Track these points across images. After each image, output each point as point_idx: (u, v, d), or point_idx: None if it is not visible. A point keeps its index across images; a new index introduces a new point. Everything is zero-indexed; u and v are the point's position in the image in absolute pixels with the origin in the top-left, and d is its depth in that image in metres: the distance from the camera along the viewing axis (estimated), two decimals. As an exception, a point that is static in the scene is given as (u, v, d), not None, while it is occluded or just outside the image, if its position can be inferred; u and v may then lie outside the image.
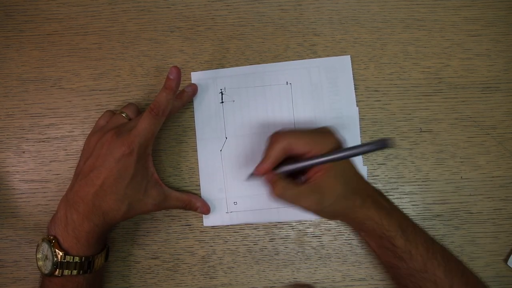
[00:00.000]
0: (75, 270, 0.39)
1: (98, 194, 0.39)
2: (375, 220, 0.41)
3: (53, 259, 0.39)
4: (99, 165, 0.40)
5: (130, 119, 0.44)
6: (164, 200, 0.44)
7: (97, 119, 0.47)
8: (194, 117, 0.49)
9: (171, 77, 0.41)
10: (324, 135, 0.41)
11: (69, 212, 0.40)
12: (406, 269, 0.40)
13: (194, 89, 0.48)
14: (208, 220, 0.48)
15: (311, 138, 0.41)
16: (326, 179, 0.40)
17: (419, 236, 0.41)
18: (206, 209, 0.47)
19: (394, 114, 0.48)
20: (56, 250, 0.39)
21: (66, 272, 0.39)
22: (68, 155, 0.49)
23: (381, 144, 0.38)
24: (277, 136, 0.41)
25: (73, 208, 0.40)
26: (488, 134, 0.48)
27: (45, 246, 0.40)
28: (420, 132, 0.48)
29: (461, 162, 0.48)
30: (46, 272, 0.39)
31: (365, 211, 0.41)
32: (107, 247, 0.44)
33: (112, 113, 0.47)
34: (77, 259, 0.39)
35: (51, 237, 0.40)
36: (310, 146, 0.40)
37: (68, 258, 0.39)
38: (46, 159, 0.49)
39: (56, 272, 0.39)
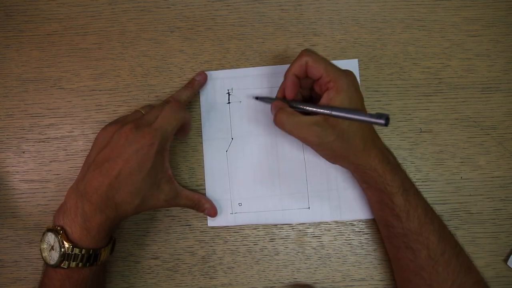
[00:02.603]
0: (81, 262, 0.38)
1: (113, 186, 0.38)
2: (378, 173, 0.41)
3: (60, 250, 0.38)
4: (115, 156, 0.39)
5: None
6: (175, 197, 0.43)
7: (97, 119, 0.47)
8: (200, 117, 0.49)
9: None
10: (348, 78, 0.40)
11: (80, 202, 0.38)
12: (400, 229, 0.40)
13: (204, 77, 0.48)
14: (213, 221, 0.48)
15: (333, 69, 0.40)
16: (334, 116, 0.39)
17: (420, 200, 0.41)
18: (213, 212, 0.47)
19: (394, 115, 0.48)
20: (64, 241, 0.38)
21: (72, 264, 0.38)
22: (68, 155, 0.49)
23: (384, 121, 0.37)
24: (302, 52, 0.41)
25: (85, 198, 0.38)
26: (488, 134, 0.48)
27: (51, 237, 0.38)
28: (420, 132, 0.48)
29: (461, 162, 0.48)
30: (52, 263, 0.38)
31: (369, 159, 0.41)
32: (113, 240, 0.43)
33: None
34: (84, 251, 0.38)
35: (58, 227, 0.38)
36: (328, 75, 0.39)
37: (76, 250, 0.38)
38: (46, 159, 0.49)
39: (62, 264, 0.38)
